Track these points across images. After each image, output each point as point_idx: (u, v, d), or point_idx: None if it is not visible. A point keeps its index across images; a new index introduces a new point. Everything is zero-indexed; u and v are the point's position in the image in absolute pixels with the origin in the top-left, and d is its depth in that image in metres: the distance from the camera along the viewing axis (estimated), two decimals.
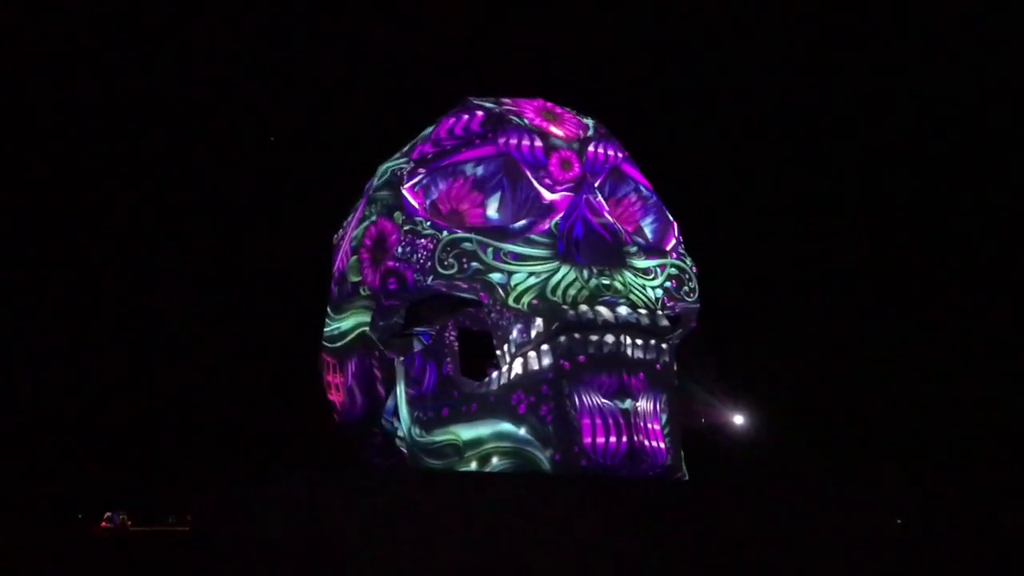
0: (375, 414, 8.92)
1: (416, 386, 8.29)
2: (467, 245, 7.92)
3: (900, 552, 6.86)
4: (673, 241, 8.81)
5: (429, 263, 7.96)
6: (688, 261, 8.58)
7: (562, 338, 7.42)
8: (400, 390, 8.45)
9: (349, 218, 9.75)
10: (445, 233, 8.01)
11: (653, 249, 8.51)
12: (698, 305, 8.47)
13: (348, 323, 9.08)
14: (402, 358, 8.50)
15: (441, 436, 7.98)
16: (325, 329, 9.54)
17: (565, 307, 7.53)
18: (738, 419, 15.97)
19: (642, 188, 8.94)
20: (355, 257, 9.03)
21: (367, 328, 8.68)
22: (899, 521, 7.12)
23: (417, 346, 8.62)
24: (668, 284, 8.26)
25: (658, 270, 8.28)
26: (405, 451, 8.89)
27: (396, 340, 8.53)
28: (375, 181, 9.25)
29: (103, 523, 23.38)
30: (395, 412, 8.82)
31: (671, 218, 9.01)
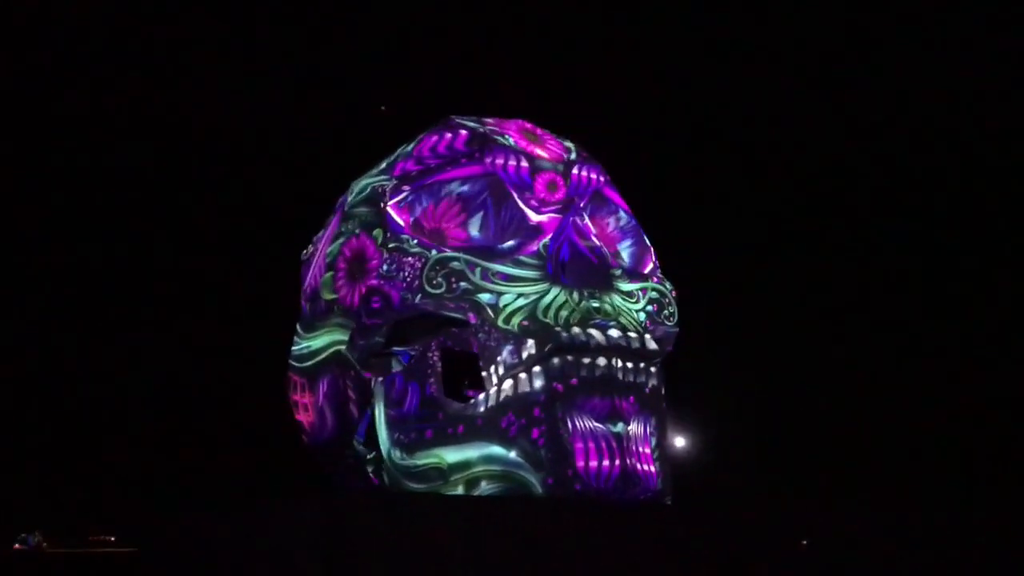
0: (346, 436, 8.71)
1: (397, 407, 8.08)
2: (455, 264, 7.83)
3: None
4: (651, 265, 8.87)
5: (417, 282, 7.84)
6: (668, 285, 8.62)
7: (555, 360, 7.38)
8: (379, 411, 8.24)
9: (320, 234, 9.56)
10: (434, 252, 7.91)
11: (634, 273, 8.55)
12: (677, 329, 8.51)
13: (320, 341, 8.87)
14: (381, 378, 8.29)
15: (424, 459, 7.80)
16: (293, 348, 9.29)
17: (558, 329, 7.49)
18: (681, 441, 16.13)
19: (622, 212, 8.98)
20: (330, 274, 8.85)
21: (342, 347, 8.49)
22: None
23: (396, 366, 8.46)
24: (649, 308, 8.28)
25: (640, 293, 8.31)
26: (371, 473, 8.71)
27: (375, 360, 8.37)
28: (350, 197, 9.08)
29: (16, 546, 22.21)
30: (367, 435, 8.64)
31: (648, 243, 9.06)
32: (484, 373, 7.80)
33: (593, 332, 7.51)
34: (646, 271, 8.73)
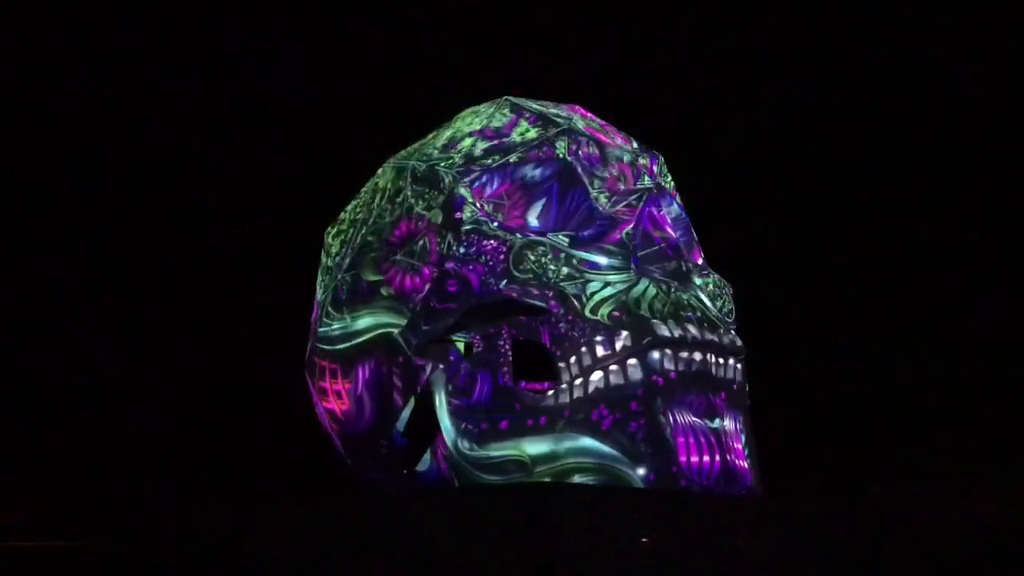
0: (385, 425, 8.27)
1: (463, 396, 7.68)
2: (541, 250, 7.55)
3: None
4: (700, 259, 8.82)
5: (501, 266, 7.50)
6: (725, 283, 8.58)
7: (655, 353, 7.20)
8: (441, 400, 7.84)
9: (348, 211, 9.09)
10: (518, 236, 7.61)
11: (698, 267, 8.47)
12: (735, 327, 8.47)
13: (360, 324, 8.40)
14: (441, 365, 7.88)
15: (499, 451, 7.45)
16: (320, 329, 8.76)
17: (655, 321, 7.30)
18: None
19: (675, 204, 8.90)
20: (375, 254, 8.39)
21: (391, 330, 8.06)
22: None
23: (454, 354, 8.05)
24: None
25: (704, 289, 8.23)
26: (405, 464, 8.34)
27: (432, 346, 7.95)
28: (396, 175, 8.64)
29: None
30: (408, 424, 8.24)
31: (696, 236, 9.01)
32: (562, 364, 7.50)
33: (688, 326, 7.38)
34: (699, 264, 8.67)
